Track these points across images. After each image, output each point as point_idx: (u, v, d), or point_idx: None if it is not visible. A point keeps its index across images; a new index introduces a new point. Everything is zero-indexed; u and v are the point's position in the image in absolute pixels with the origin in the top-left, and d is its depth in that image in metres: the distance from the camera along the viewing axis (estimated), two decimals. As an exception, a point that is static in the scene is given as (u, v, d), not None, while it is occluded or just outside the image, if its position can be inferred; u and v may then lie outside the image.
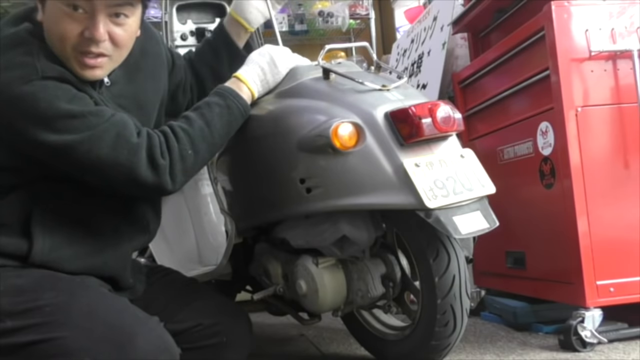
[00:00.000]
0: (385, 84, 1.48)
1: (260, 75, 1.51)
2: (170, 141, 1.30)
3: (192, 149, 1.32)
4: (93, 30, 1.21)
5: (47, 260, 1.26)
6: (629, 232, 1.81)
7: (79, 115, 1.21)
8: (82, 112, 1.22)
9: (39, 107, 1.19)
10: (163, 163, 1.27)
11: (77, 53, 1.24)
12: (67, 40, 1.22)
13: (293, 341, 2.25)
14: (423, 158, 1.38)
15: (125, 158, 1.24)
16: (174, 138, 1.30)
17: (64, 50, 1.23)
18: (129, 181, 1.26)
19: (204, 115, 1.37)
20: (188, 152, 1.31)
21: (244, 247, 1.77)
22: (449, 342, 1.50)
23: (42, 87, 1.19)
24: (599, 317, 1.75)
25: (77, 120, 1.21)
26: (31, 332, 1.15)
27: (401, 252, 1.59)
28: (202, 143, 1.34)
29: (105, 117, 1.25)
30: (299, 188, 1.44)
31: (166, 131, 1.32)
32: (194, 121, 1.35)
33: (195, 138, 1.33)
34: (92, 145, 1.22)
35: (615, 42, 1.84)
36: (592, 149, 1.82)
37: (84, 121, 1.22)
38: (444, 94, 2.58)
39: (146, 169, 1.26)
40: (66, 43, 1.22)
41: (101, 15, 1.22)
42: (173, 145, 1.29)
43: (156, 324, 1.22)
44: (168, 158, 1.28)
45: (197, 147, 1.33)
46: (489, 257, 2.26)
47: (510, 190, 2.08)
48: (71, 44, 1.22)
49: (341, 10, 4.16)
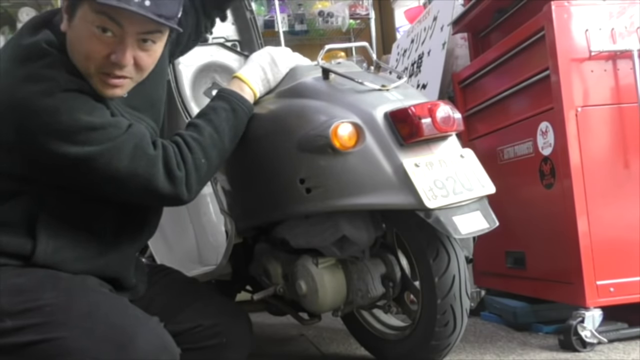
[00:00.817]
0: (384, 84, 1.48)
1: (261, 75, 1.52)
2: (184, 152, 1.32)
3: (205, 158, 1.34)
4: (120, 55, 1.20)
5: (50, 262, 1.26)
6: (629, 232, 1.81)
7: (99, 127, 1.22)
8: (102, 123, 1.22)
9: (60, 119, 1.19)
10: (180, 175, 1.29)
11: (100, 73, 1.23)
12: (92, 60, 1.21)
13: (293, 341, 2.25)
14: (423, 158, 1.38)
15: (144, 170, 1.25)
16: (187, 149, 1.32)
17: (88, 68, 1.23)
18: (146, 192, 1.28)
19: (211, 122, 1.39)
20: (202, 162, 1.33)
21: (244, 247, 1.77)
22: (449, 342, 1.50)
23: (63, 100, 1.19)
24: (599, 317, 1.75)
25: (98, 132, 1.21)
26: (31, 332, 1.15)
27: (401, 252, 1.59)
28: (213, 150, 1.36)
29: (124, 128, 1.25)
30: (298, 188, 1.44)
31: (179, 142, 1.33)
32: (203, 129, 1.37)
33: (207, 146, 1.35)
34: (112, 157, 1.22)
35: (615, 42, 1.84)
36: (592, 149, 1.82)
37: (104, 133, 1.22)
38: (444, 94, 2.58)
39: (164, 180, 1.27)
40: (90, 62, 1.22)
41: (130, 40, 1.20)
42: (187, 156, 1.31)
43: (156, 324, 1.22)
44: (184, 169, 1.30)
45: (208, 155, 1.35)
46: (489, 257, 2.26)
47: (510, 190, 2.08)
48: (95, 65, 1.22)
49: (341, 10, 4.17)
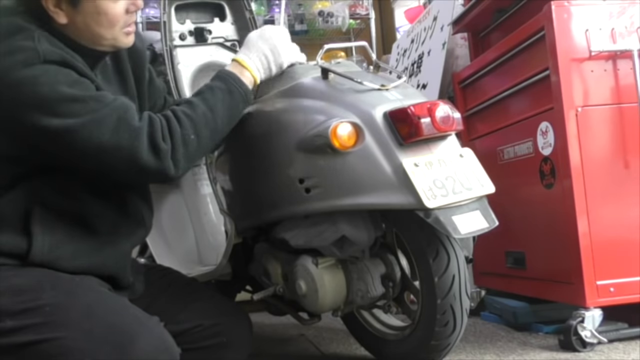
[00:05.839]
0: (384, 83, 1.48)
1: (264, 63, 1.49)
2: (173, 125, 1.29)
3: (195, 134, 1.31)
4: (138, 2, 1.33)
5: (46, 259, 1.26)
6: (629, 232, 1.81)
7: (81, 99, 1.22)
8: (84, 96, 1.22)
9: (40, 91, 1.19)
10: (165, 147, 1.26)
11: (123, 28, 1.33)
12: (117, 23, 1.31)
13: (293, 341, 2.25)
14: (422, 158, 1.38)
15: (127, 142, 1.23)
16: (176, 122, 1.29)
17: (113, 34, 1.31)
18: (130, 166, 1.25)
19: (206, 100, 1.36)
20: (191, 137, 1.30)
21: (244, 247, 1.77)
22: (449, 342, 1.50)
23: (44, 71, 1.20)
24: (599, 317, 1.75)
25: (79, 104, 1.21)
26: (31, 332, 1.15)
27: (401, 252, 1.59)
28: (204, 128, 1.33)
29: (107, 101, 1.25)
30: (298, 188, 1.44)
31: (168, 115, 1.31)
32: (197, 106, 1.34)
33: (198, 123, 1.32)
34: (93, 130, 1.22)
35: (615, 42, 1.84)
36: (592, 149, 1.81)
37: (86, 105, 1.22)
38: (444, 94, 2.58)
39: (148, 153, 1.25)
40: (116, 26, 1.31)
41: None
42: (175, 130, 1.28)
43: (156, 325, 1.22)
44: (170, 142, 1.27)
45: (200, 132, 1.32)
46: (489, 257, 2.26)
47: (510, 190, 2.08)
48: (120, 24, 1.32)
49: (341, 10, 4.17)
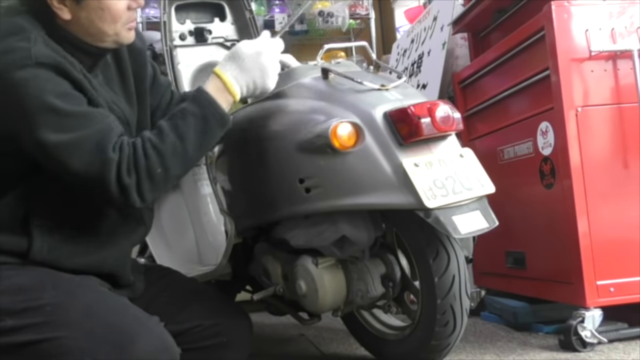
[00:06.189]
0: (384, 83, 1.48)
1: (249, 86, 1.39)
2: (138, 158, 1.23)
3: (162, 166, 1.25)
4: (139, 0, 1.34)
5: (47, 258, 1.26)
6: (629, 232, 1.81)
7: (63, 114, 1.19)
8: (67, 111, 1.19)
9: (26, 95, 1.17)
10: (129, 182, 1.22)
11: (125, 25, 1.33)
12: (119, 20, 1.31)
13: (293, 341, 2.25)
14: (422, 158, 1.38)
15: (96, 171, 1.20)
16: (142, 155, 1.24)
17: (116, 30, 1.31)
18: (97, 192, 1.23)
19: (177, 128, 1.28)
20: (157, 171, 1.24)
21: (244, 247, 1.77)
22: (449, 342, 1.50)
23: (34, 75, 1.18)
24: (599, 317, 1.75)
25: (59, 118, 1.19)
26: (31, 331, 1.15)
27: (401, 252, 1.59)
28: (173, 158, 1.26)
29: (91, 122, 1.22)
30: (298, 188, 1.44)
31: (137, 146, 1.25)
32: (166, 135, 1.27)
33: (166, 154, 1.25)
34: (67, 151, 1.19)
35: (615, 42, 1.83)
36: (592, 149, 1.81)
37: (67, 122, 1.19)
38: (444, 94, 2.58)
39: (115, 185, 1.21)
40: (118, 21, 1.31)
41: None
42: (140, 163, 1.23)
43: (156, 324, 1.22)
44: (135, 176, 1.22)
45: (167, 163, 1.26)
46: (489, 257, 2.26)
47: (510, 190, 2.08)
48: (122, 21, 1.31)
49: (341, 10, 4.17)
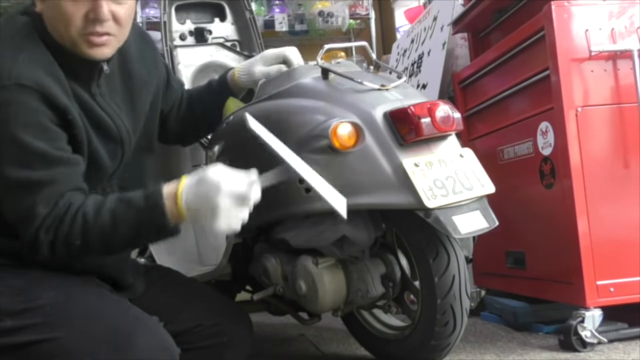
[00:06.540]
0: (384, 83, 1.48)
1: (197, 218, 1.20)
2: (63, 224, 1.18)
3: (82, 241, 1.19)
4: (98, 11, 1.21)
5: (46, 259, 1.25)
6: (629, 232, 1.81)
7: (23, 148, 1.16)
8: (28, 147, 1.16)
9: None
10: (43, 239, 1.18)
11: (84, 35, 1.23)
12: (72, 25, 1.21)
13: (293, 341, 2.25)
14: (422, 158, 1.38)
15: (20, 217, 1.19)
16: (69, 223, 1.18)
17: (70, 35, 1.22)
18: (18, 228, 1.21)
19: (116, 214, 1.19)
20: (75, 242, 1.19)
21: (244, 247, 1.77)
22: (449, 342, 1.50)
23: (8, 100, 1.16)
24: (599, 317, 1.75)
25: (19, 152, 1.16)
26: (30, 331, 1.15)
27: (401, 252, 1.59)
28: (96, 239, 1.20)
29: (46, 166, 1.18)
30: (298, 188, 1.44)
31: (70, 211, 1.19)
32: (103, 215, 1.19)
33: (91, 233, 1.18)
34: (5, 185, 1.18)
35: (615, 42, 1.84)
36: (592, 149, 1.81)
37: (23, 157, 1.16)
38: (444, 94, 2.58)
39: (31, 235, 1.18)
40: (72, 27, 1.22)
41: None
42: (62, 229, 1.18)
43: (156, 324, 1.22)
44: (52, 237, 1.18)
45: (89, 240, 1.19)
46: (489, 257, 2.26)
47: (510, 190, 2.08)
48: (77, 28, 1.22)
49: (341, 10, 4.17)
